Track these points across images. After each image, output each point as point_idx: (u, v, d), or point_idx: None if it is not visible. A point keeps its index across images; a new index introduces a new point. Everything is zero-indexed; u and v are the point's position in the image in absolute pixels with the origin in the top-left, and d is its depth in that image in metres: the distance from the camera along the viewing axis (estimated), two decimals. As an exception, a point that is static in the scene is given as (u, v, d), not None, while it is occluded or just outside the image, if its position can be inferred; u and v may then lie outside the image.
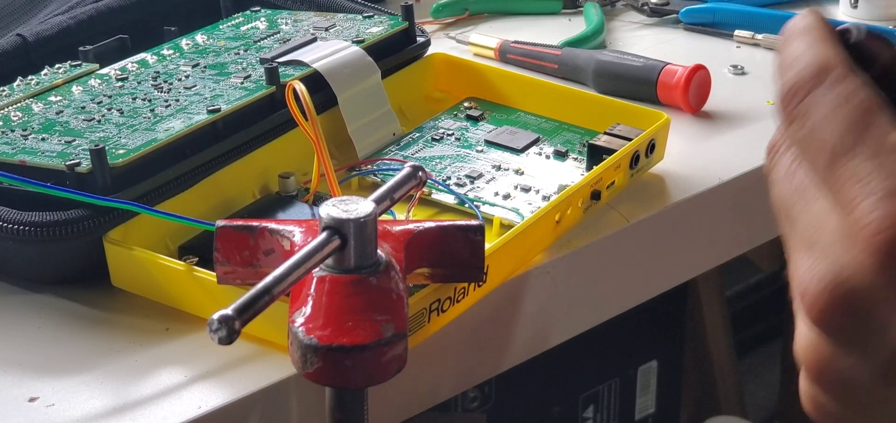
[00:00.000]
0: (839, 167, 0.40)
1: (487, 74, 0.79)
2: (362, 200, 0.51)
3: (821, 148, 0.41)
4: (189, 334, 0.59)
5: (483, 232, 0.55)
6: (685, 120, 0.80)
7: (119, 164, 0.61)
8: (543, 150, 0.72)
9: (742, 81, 0.87)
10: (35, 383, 0.56)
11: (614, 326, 0.73)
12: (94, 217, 0.60)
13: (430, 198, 0.68)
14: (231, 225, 0.54)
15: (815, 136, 0.41)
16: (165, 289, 0.59)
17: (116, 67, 0.73)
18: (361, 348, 0.48)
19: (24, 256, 0.61)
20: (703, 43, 0.93)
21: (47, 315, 0.61)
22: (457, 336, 0.61)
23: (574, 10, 0.98)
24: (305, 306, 0.49)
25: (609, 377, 1.15)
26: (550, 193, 0.68)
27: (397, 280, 0.51)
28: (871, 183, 0.38)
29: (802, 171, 0.43)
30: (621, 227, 0.68)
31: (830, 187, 0.40)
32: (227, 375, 0.56)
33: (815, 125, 0.41)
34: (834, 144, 0.40)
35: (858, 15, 0.97)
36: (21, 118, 0.67)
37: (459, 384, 0.64)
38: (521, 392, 1.07)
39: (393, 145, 0.72)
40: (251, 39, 0.77)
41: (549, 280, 0.65)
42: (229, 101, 0.68)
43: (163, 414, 0.54)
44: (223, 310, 0.45)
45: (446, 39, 0.92)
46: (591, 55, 0.84)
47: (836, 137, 0.40)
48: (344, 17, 0.80)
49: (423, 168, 0.58)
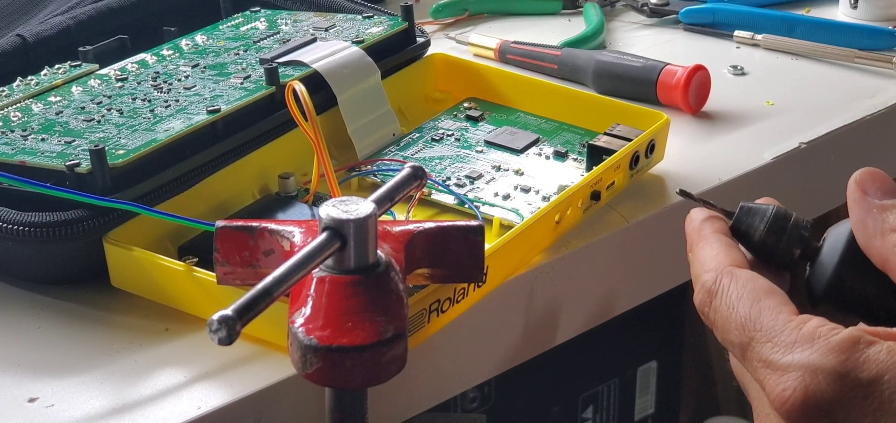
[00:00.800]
0: (747, 359, 0.49)
1: (487, 74, 0.79)
2: (362, 201, 0.51)
3: (733, 347, 0.50)
4: (189, 335, 0.59)
5: (483, 233, 0.55)
6: (685, 120, 0.80)
7: (119, 164, 0.61)
8: (543, 150, 0.72)
9: (742, 81, 0.87)
10: (35, 383, 0.56)
11: (614, 326, 0.73)
12: (93, 217, 0.60)
13: (429, 198, 0.68)
14: (231, 226, 0.54)
15: (726, 338, 0.51)
16: (165, 289, 0.59)
17: (116, 68, 0.73)
18: (361, 348, 0.48)
19: (23, 256, 0.61)
20: (703, 43, 0.93)
21: (47, 316, 0.61)
22: (456, 337, 0.61)
23: (574, 10, 0.98)
24: (305, 307, 0.49)
25: (609, 378, 1.15)
26: (550, 193, 0.68)
27: (397, 281, 0.51)
28: (772, 362, 0.48)
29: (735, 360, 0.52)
30: (621, 227, 0.68)
31: (750, 373, 0.49)
32: (226, 375, 0.56)
33: (722, 330, 0.51)
34: (738, 343, 0.50)
35: (858, 15, 0.97)
36: (21, 119, 0.67)
37: (459, 384, 0.64)
38: (520, 393, 1.07)
39: (393, 146, 0.72)
40: (251, 40, 0.77)
41: (549, 281, 0.65)
42: (229, 101, 0.68)
43: (162, 415, 0.54)
44: (223, 311, 0.45)
45: (446, 40, 0.92)
46: (591, 56, 0.84)
47: (737, 337, 0.50)
48: (343, 17, 0.80)
49: (423, 169, 0.58)
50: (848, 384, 0.46)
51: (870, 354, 0.47)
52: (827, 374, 0.47)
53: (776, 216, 0.55)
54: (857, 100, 0.83)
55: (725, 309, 0.51)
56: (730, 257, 0.53)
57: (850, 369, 0.47)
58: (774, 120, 0.81)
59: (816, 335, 0.48)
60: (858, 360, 0.47)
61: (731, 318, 0.50)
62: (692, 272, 0.54)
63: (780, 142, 0.77)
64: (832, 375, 0.47)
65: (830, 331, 0.48)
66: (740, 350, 0.50)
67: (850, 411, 0.46)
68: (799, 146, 0.77)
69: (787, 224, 0.54)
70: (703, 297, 0.52)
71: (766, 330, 0.49)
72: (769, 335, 0.49)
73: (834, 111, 0.81)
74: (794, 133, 0.78)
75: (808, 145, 0.77)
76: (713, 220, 0.55)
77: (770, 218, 0.55)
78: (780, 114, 0.82)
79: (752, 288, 0.51)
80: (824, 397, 0.47)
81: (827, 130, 0.79)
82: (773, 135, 0.78)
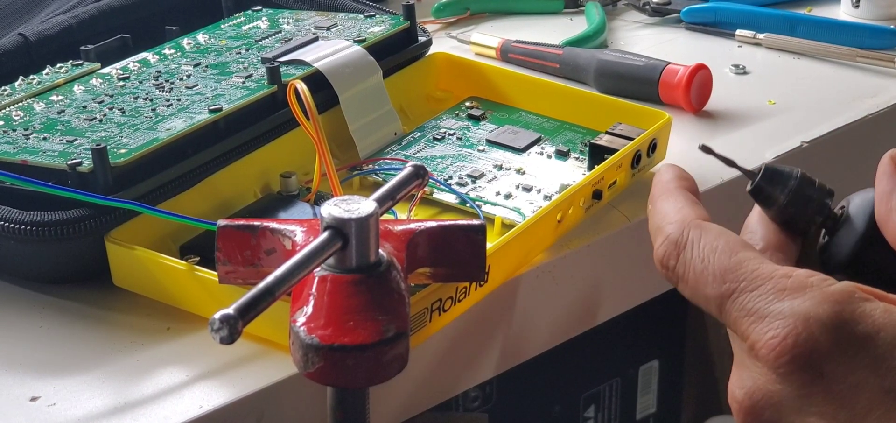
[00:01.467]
0: (726, 311, 0.47)
1: (489, 73, 0.79)
2: (364, 200, 0.51)
3: (707, 301, 0.48)
4: (190, 334, 0.59)
5: (484, 232, 0.55)
6: (687, 119, 0.80)
7: (120, 163, 0.61)
8: (545, 149, 0.72)
9: (743, 80, 0.87)
10: (36, 382, 0.56)
11: (615, 325, 0.73)
12: (95, 217, 0.60)
13: (431, 197, 0.68)
14: (232, 225, 0.54)
15: (698, 293, 0.48)
16: (167, 288, 0.59)
17: (118, 67, 0.73)
18: (363, 347, 0.48)
19: (25, 255, 0.61)
20: (705, 42, 0.93)
21: (49, 315, 0.61)
22: (458, 336, 0.61)
23: (575, 9, 0.98)
24: (307, 306, 0.49)
25: (610, 377, 1.15)
26: (552, 192, 0.68)
27: (399, 280, 0.51)
28: (757, 311, 0.46)
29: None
30: (623, 226, 0.68)
31: (728, 326, 0.47)
32: (228, 374, 0.56)
33: (694, 285, 0.48)
34: (715, 296, 0.47)
35: (860, 14, 0.97)
36: (23, 118, 0.67)
37: (461, 383, 0.64)
38: (522, 392, 1.07)
39: (394, 145, 0.72)
40: (252, 39, 0.77)
41: (551, 280, 0.65)
42: (231, 100, 0.68)
43: (164, 414, 0.54)
44: (225, 310, 0.45)
45: (448, 39, 0.92)
46: (593, 55, 0.84)
47: (714, 289, 0.47)
48: (345, 16, 0.80)
49: (424, 168, 0.58)
50: (843, 335, 0.45)
51: (866, 308, 0.45)
52: (821, 323, 0.45)
53: (801, 182, 0.52)
54: (859, 99, 0.83)
55: (698, 262, 0.48)
56: (696, 212, 0.51)
57: (846, 319, 0.45)
58: (776, 119, 0.81)
59: (808, 284, 0.46)
60: (854, 312, 0.45)
61: (707, 270, 0.48)
62: (651, 225, 0.52)
63: (782, 141, 0.77)
64: (827, 325, 0.45)
65: (823, 281, 0.46)
66: (718, 303, 0.47)
67: (841, 364, 0.45)
68: (801, 146, 0.77)
69: (812, 191, 0.52)
70: (667, 249, 0.50)
71: (750, 279, 0.47)
72: (754, 284, 0.46)
73: (836, 110, 0.81)
74: (796, 132, 0.78)
75: (809, 145, 0.77)
76: (682, 178, 0.53)
77: (795, 184, 0.52)
78: (781, 113, 0.82)
79: (727, 241, 0.48)
80: (817, 346, 0.45)
81: (829, 129, 0.79)
82: (775, 134, 0.78)
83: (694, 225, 0.50)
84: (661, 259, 0.50)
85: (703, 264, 0.48)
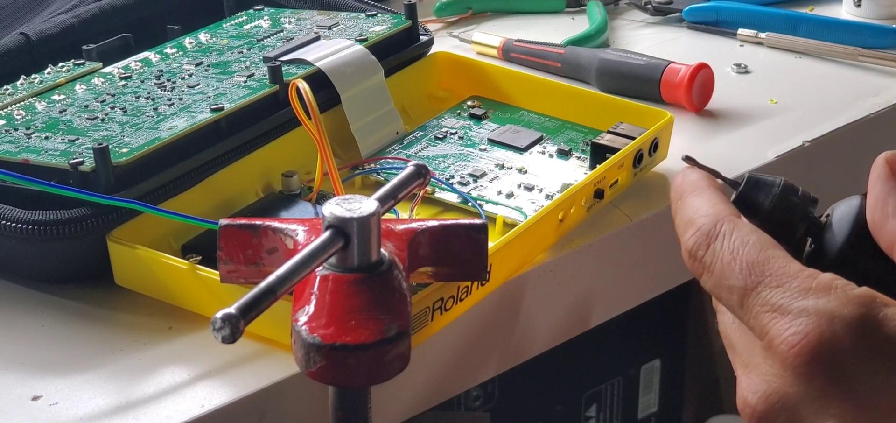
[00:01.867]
0: (748, 305, 0.47)
1: (491, 72, 0.79)
2: (365, 199, 0.51)
3: (730, 291, 0.48)
4: (192, 333, 0.59)
5: (486, 231, 0.55)
6: (688, 119, 0.80)
7: (122, 162, 0.61)
8: (547, 148, 0.72)
9: (745, 79, 0.87)
10: (38, 381, 0.56)
11: (617, 325, 0.73)
12: (97, 216, 0.60)
13: (433, 196, 0.68)
14: (234, 224, 0.54)
15: (722, 283, 0.48)
16: (169, 288, 0.60)
17: (120, 66, 0.73)
18: (364, 346, 0.48)
19: (27, 254, 0.61)
20: (707, 41, 0.93)
21: (51, 314, 0.61)
22: (460, 335, 0.61)
23: (577, 8, 0.98)
24: (308, 305, 0.49)
25: (612, 376, 1.15)
26: (554, 191, 0.68)
27: (400, 279, 0.51)
28: (781, 307, 0.46)
29: (723, 310, 0.50)
30: (624, 225, 0.68)
31: (746, 321, 0.47)
32: (230, 374, 0.56)
33: (720, 275, 0.48)
34: (740, 287, 0.47)
35: (862, 14, 0.97)
36: (24, 117, 0.67)
37: (462, 382, 0.64)
38: (524, 391, 1.07)
39: (396, 144, 0.72)
40: (254, 38, 0.77)
41: (552, 279, 0.65)
42: (232, 99, 0.68)
43: (166, 413, 0.54)
44: (226, 309, 0.45)
45: (449, 38, 0.92)
46: (595, 54, 0.84)
47: (739, 280, 0.47)
48: (347, 15, 0.80)
49: (426, 167, 0.58)
50: (867, 336, 0.44)
51: (888, 313, 0.45)
52: (846, 323, 0.44)
53: (784, 189, 0.53)
54: (861, 98, 0.83)
55: (728, 253, 0.48)
56: (730, 208, 0.51)
57: (870, 321, 0.44)
58: (778, 118, 0.81)
59: (833, 286, 0.46)
60: (878, 316, 0.45)
61: (735, 261, 0.48)
62: (681, 219, 0.52)
63: (784, 140, 0.77)
64: (852, 325, 0.44)
65: (847, 285, 0.46)
66: (740, 295, 0.47)
67: (864, 365, 0.44)
68: (802, 145, 0.77)
69: (796, 198, 0.53)
70: (698, 239, 0.50)
71: (776, 276, 0.46)
72: (780, 280, 0.46)
73: (837, 110, 0.81)
74: (798, 132, 0.78)
75: (811, 144, 0.77)
76: (708, 177, 0.53)
77: (778, 191, 0.53)
78: (783, 112, 0.82)
79: (759, 237, 0.48)
80: (841, 346, 0.44)
81: (830, 128, 0.79)
82: (777, 133, 0.78)
83: (728, 219, 0.50)
84: (690, 249, 0.50)
85: (732, 255, 0.48)
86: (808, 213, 0.53)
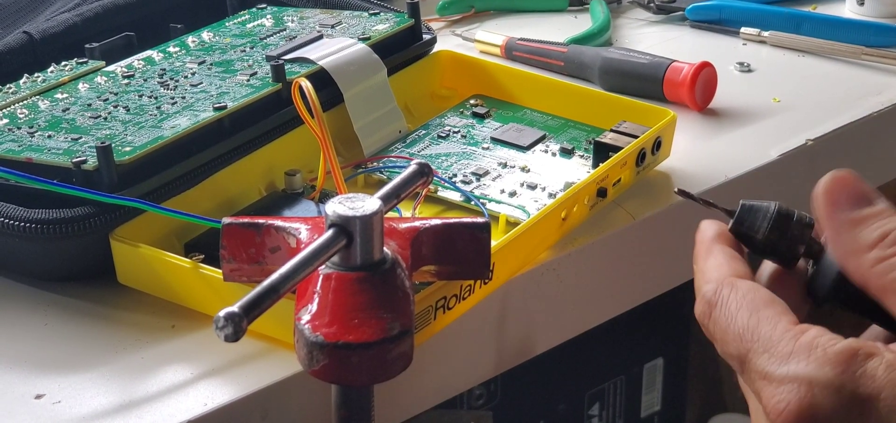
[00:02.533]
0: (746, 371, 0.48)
1: (493, 71, 0.79)
2: (368, 198, 0.51)
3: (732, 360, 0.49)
4: (195, 332, 0.59)
5: (489, 229, 0.55)
6: (691, 117, 0.80)
7: (125, 161, 0.61)
8: (549, 147, 0.72)
9: (748, 78, 0.87)
10: (41, 380, 0.56)
11: (620, 323, 0.73)
12: (100, 215, 0.60)
13: (436, 195, 0.68)
14: (237, 222, 0.54)
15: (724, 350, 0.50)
16: (171, 286, 0.60)
17: (122, 65, 0.73)
18: (367, 345, 0.48)
19: (30, 253, 0.61)
20: (710, 40, 0.93)
21: (53, 312, 0.61)
22: (462, 334, 0.61)
23: (580, 7, 0.98)
24: (311, 304, 0.49)
25: (615, 375, 1.15)
26: (556, 190, 0.68)
27: (403, 278, 0.51)
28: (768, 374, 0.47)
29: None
30: (627, 224, 0.68)
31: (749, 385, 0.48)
32: (233, 372, 0.56)
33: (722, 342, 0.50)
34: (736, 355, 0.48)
35: (865, 12, 0.96)
36: (27, 116, 0.67)
37: (465, 381, 0.64)
38: (526, 390, 1.07)
39: (399, 143, 0.72)
40: (257, 37, 0.77)
41: (555, 278, 0.65)
42: (235, 98, 0.68)
43: (169, 411, 0.54)
44: (229, 307, 0.45)
45: (452, 36, 0.92)
46: (598, 52, 0.84)
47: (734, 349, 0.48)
48: (350, 14, 0.80)
49: (429, 166, 0.57)
50: (844, 398, 0.45)
51: (867, 368, 0.45)
52: (823, 387, 0.45)
53: (778, 215, 0.53)
54: (864, 97, 0.83)
55: (724, 320, 0.49)
56: (731, 268, 0.51)
57: (847, 382, 0.45)
58: (781, 117, 0.81)
59: (814, 346, 0.46)
60: (855, 374, 0.45)
61: (730, 329, 0.49)
62: (695, 284, 0.53)
63: (787, 139, 0.77)
64: (828, 388, 0.45)
65: (828, 341, 0.46)
66: (739, 363, 0.49)
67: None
68: (806, 143, 0.77)
69: (790, 223, 0.53)
70: (702, 308, 0.51)
71: (763, 341, 0.48)
72: (766, 346, 0.47)
73: (841, 108, 0.81)
74: (801, 130, 0.78)
75: (814, 142, 0.77)
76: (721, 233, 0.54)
77: (772, 217, 0.53)
78: (786, 111, 0.81)
79: (752, 298, 0.49)
80: (820, 411, 0.45)
81: (834, 127, 0.79)
82: (780, 132, 0.78)
83: (726, 283, 0.50)
84: (698, 318, 0.51)
85: (727, 323, 0.49)
86: (804, 236, 0.53)
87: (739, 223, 0.53)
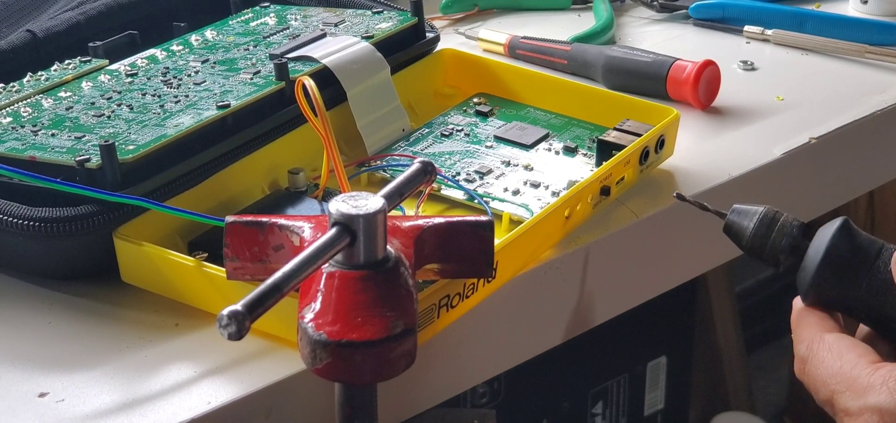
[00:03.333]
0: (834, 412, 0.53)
1: (497, 69, 0.79)
2: (372, 196, 0.51)
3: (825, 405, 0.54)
4: (199, 330, 0.59)
5: (492, 228, 0.55)
6: (695, 116, 0.80)
7: (129, 159, 0.61)
8: (553, 145, 0.72)
9: (752, 76, 0.87)
10: (45, 378, 0.56)
11: (623, 322, 0.73)
12: (103, 213, 0.60)
13: (439, 193, 0.68)
14: (241, 221, 0.54)
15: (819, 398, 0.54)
16: (175, 285, 0.60)
17: (126, 63, 0.73)
18: (371, 343, 0.48)
19: (33, 251, 0.61)
20: (713, 39, 0.93)
21: (57, 311, 0.61)
22: (466, 332, 0.61)
23: (583, 5, 0.98)
24: (315, 302, 0.49)
25: (618, 373, 1.15)
26: (560, 188, 0.68)
27: (407, 276, 0.51)
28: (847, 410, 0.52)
29: None
30: (631, 222, 0.68)
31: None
32: (236, 370, 0.56)
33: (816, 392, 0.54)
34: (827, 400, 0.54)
35: (868, 10, 0.96)
36: (31, 114, 0.67)
37: (469, 379, 0.64)
38: (530, 388, 1.07)
39: (402, 141, 0.72)
40: (260, 35, 0.77)
41: (559, 276, 0.65)
42: (239, 96, 0.68)
43: (172, 409, 0.54)
44: (233, 306, 0.45)
45: (455, 35, 0.92)
46: (601, 51, 0.84)
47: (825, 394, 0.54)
48: (353, 12, 0.80)
49: (432, 164, 0.58)
50: None
51: None
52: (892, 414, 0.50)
53: (764, 218, 0.57)
54: (867, 95, 0.83)
55: (814, 370, 0.54)
56: (820, 325, 0.56)
57: None
58: (784, 115, 0.81)
59: (887, 379, 0.51)
60: None
61: (818, 377, 0.54)
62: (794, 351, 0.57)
63: (790, 137, 0.77)
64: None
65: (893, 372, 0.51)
66: (830, 406, 0.53)
67: None
68: (809, 142, 0.77)
69: (775, 226, 0.56)
70: (798, 365, 0.56)
71: (846, 380, 0.52)
72: (847, 385, 0.52)
73: (844, 107, 0.81)
74: (804, 128, 0.78)
75: (817, 141, 0.77)
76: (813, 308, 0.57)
77: (758, 220, 0.57)
78: (789, 109, 0.81)
79: (838, 346, 0.54)
80: None
81: (837, 125, 0.79)
82: (783, 130, 0.78)
83: (816, 339, 0.55)
84: (797, 375, 0.56)
85: (816, 372, 0.54)
86: (789, 238, 0.56)
87: (729, 225, 0.58)
